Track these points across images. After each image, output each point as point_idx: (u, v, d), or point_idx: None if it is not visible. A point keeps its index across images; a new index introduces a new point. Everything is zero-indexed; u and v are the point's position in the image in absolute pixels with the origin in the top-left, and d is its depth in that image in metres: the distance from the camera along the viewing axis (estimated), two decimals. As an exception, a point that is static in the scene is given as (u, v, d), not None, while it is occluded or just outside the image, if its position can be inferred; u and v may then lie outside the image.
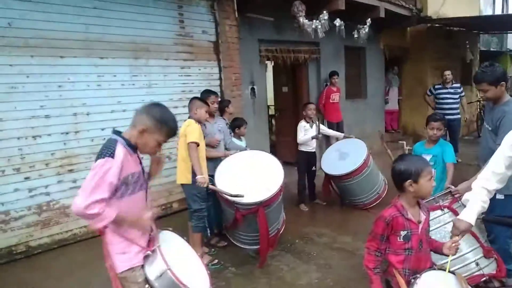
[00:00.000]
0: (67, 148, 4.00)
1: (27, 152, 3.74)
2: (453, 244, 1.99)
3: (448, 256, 1.98)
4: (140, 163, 1.96)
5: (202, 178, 3.38)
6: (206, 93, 4.07)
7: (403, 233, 1.99)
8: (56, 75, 3.88)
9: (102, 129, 4.13)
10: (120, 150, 1.77)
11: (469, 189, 2.72)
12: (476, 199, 2.12)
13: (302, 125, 5.10)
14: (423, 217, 2.04)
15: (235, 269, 3.57)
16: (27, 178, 3.75)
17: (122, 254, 1.87)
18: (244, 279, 3.39)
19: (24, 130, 3.72)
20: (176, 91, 4.88)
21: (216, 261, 3.65)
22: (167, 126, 1.90)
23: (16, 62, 3.64)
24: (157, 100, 4.65)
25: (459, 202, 2.91)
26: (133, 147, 1.88)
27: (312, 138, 5.00)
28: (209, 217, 3.83)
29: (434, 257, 2.18)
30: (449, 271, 1.91)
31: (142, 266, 1.90)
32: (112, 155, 1.73)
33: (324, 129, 5.39)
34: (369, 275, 2.05)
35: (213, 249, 3.94)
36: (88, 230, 3.94)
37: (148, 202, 2.04)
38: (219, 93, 5.21)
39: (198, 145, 3.40)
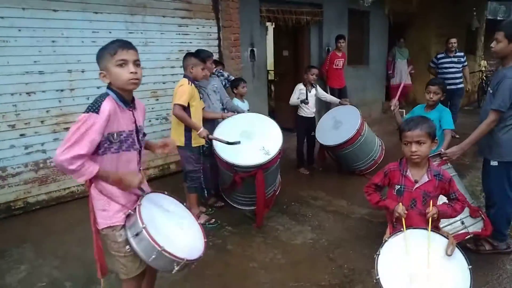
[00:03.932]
0: (62, 106, 3.95)
1: (21, 108, 3.69)
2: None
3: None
4: (135, 122, 1.87)
5: (203, 131, 3.41)
6: (202, 53, 3.93)
7: (397, 187, 2.11)
8: (49, 30, 3.76)
9: (98, 88, 4.04)
10: (107, 105, 1.69)
11: (457, 152, 2.80)
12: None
13: (299, 88, 4.98)
14: (425, 178, 2.05)
15: (231, 228, 3.63)
16: (22, 135, 3.73)
17: (102, 211, 1.81)
18: (241, 238, 3.46)
19: (18, 86, 3.65)
20: (173, 50, 4.75)
21: (213, 220, 3.70)
22: (107, 47, 1.76)
23: (7, 14, 3.51)
24: (154, 59, 4.60)
25: (448, 164, 2.95)
26: (125, 101, 1.80)
27: (301, 102, 4.90)
28: (206, 178, 3.85)
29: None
30: (442, 234, 1.90)
31: (124, 226, 1.81)
32: (96, 111, 1.66)
33: (322, 94, 5.28)
34: (380, 206, 2.17)
35: (210, 209, 3.99)
36: (85, 188, 3.96)
37: (142, 162, 1.96)
38: (217, 54, 5.09)
39: (184, 107, 3.32)
